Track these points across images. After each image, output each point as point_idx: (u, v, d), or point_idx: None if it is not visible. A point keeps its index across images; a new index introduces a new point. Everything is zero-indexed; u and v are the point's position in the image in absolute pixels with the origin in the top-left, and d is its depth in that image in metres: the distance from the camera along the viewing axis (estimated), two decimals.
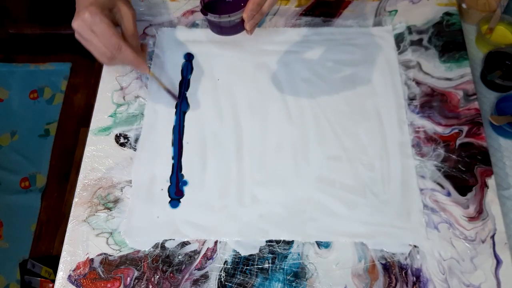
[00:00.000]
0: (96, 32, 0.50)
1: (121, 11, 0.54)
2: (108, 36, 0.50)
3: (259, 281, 0.50)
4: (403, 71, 0.62)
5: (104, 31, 0.50)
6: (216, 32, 0.64)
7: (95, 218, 0.54)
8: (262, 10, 0.55)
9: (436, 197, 0.54)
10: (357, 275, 0.50)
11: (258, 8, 0.54)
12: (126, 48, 0.51)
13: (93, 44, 0.51)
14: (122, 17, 0.54)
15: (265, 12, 0.55)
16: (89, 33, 0.50)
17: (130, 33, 0.54)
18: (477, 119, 0.58)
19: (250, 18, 0.55)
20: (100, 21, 0.50)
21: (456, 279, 0.49)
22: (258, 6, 0.54)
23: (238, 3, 0.59)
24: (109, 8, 0.52)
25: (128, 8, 0.54)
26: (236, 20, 0.59)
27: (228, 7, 0.61)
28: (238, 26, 0.60)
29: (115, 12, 0.54)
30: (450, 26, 0.66)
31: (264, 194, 0.54)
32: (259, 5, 0.54)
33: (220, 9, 0.61)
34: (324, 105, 0.60)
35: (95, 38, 0.50)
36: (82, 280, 0.50)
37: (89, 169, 0.57)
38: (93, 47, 0.51)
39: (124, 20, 0.54)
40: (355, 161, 0.56)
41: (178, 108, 0.61)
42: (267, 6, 0.54)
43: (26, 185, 1.25)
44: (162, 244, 0.52)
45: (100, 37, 0.50)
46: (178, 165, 0.56)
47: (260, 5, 0.54)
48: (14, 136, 1.32)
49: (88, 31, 0.50)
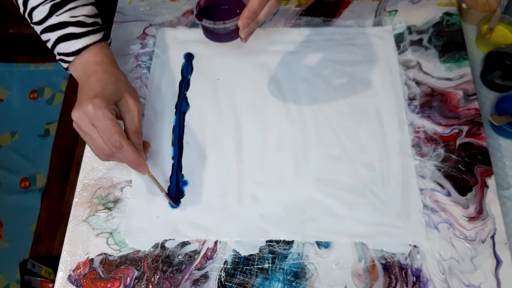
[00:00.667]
0: (98, 126, 0.47)
1: (128, 105, 0.50)
2: (111, 133, 0.47)
3: (259, 281, 0.50)
4: (403, 71, 0.62)
5: (106, 127, 0.47)
6: (210, 38, 0.63)
7: (95, 218, 0.54)
8: (258, 18, 0.53)
9: (436, 197, 0.54)
10: (357, 275, 0.50)
11: (254, 16, 0.53)
12: (128, 147, 0.48)
13: (92, 139, 0.48)
14: (128, 112, 0.50)
15: (260, 21, 0.54)
16: (90, 127, 0.47)
17: (133, 129, 0.50)
18: (477, 119, 0.58)
19: (245, 26, 0.53)
20: (103, 116, 0.46)
21: (456, 279, 0.49)
22: (253, 15, 0.52)
23: (234, 10, 0.59)
24: (115, 101, 0.49)
25: (135, 103, 0.51)
26: (231, 27, 0.58)
27: (223, 13, 0.61)
28: (232, 33, 0.60)
29: (120, 105, 0.50)
30: (450, 26, 0.66)
31: (264, 194, 0.55)
32: (255, 13, 0.52)
33: (216, 15, 0.61)
34: (324, 105, 0.60)
35: (96, 133, 0.47)
36: (82, 280, 0.50)
37: (89, 169, 0.57)
38: (92, 141, 0.48)
39: (129, 115, 0.50)
40: (355, 161, 0.56)
41: (178, 108, 0.61)
42: (263, 15, 0.53)
43: (26, 185, 1.25)
44: (162, 244, 0.52)
45: (101, 132, 0.47)
46: (178, 165, 0.57)
47: (256, 14, 0.53)
48: (14, 136, 1.32)
49: (89, 125, 0.47)
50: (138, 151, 0.49)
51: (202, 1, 0.59)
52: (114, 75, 0.51)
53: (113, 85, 0.50)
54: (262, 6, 0.52)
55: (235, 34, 0.58)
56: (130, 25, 0.67)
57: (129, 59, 0.65)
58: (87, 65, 0.52)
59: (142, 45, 0.66)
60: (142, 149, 0.52)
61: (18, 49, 1.41)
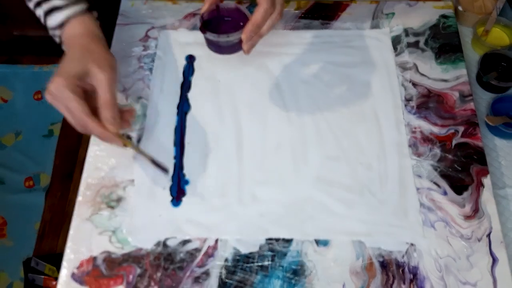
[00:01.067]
0: (62, 105, 0.47)
1: (96, 77, 0.48)
2: (72, 113, 0.47)
3: (259, 278, 0.50)
4: (400, 73, 0.63)
5: (68, 106, 0.46)
6: (213, 50, 0.63)
7: (98, 216, 0.54)
8: (261, 32, 0.53)
9: (433, 196, 0.54)
10: (355, 272, 0.50)
11: (257, 30, 0.53)
12: (92, 125, 0.47)
13: (64, 114, 0.48)
14: (96, 85, 0.48)
15: (263, 34, 0.54)
16: (57, 104, 0.47)
17: (102, 102, 0.48)
18: (473, 120, 0.59)
19: (248, 39, 0.53)
20: (64, 94, 0.46)
21: (453, 277, 0.50)
22: (257, 28, 0.52)
23: (237, 22, 0.59)
24: (79, 76, 0.48)
25: (103, 72, 0.48)
26: (234, 40, 0.58)
27: (227, 25, 0.60)
28: (236, 46, 0.59)
29: (89, 78, 0.48)
30: (447, 29, 0.66)
31: (264, 193, 0.55)
32: (258, 27, 0.52)
33: (219, 27, 0.61)
34: (322, 106, 0.61)
35: (63, 111, 0.47)
36: (85, 277, 0.50)
37: (93, 168, 0.57)
38: (65, 116, 0.48)
39: (98, 88, 0.48)
40: (353, 161, 0.57)
41: (179, 109, 0.61)
42: (266, 28, 0.53)
43: (30, 184, 1.25)
44: (164, 242, 0.52)
45: (65, 111, 0.47)
46: (180, 164, 0.57)
47: (259, 27, 0.52)
48: (18, 136, 1.32)
49: (55, 102, 0.47)
50: (108, 125, 0.48)
51: (205, 13, 0.58)
52: (82, 49, 0.50)
53: (77, 60, 0.48)
54: (265, 20, 0.52)
55: (238, 46, 0.58)
56: (133, 27, 0.68)
57: (131, 61, 0.65)
58: (67, 39, 0.52)
59: (144, 47, 0.66)
60: (118, 120, 0.49)
61: (22, 51, 1.42)
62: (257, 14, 0.52)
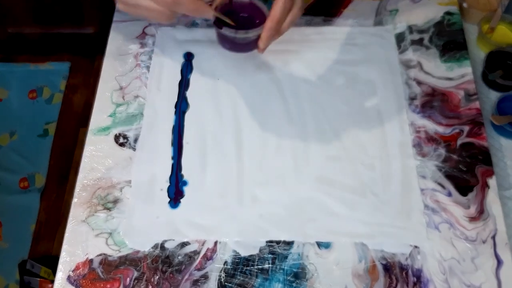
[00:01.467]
0: None
1: None
2: None
3: (259, 282, 0.50)
4: (404, 71, 0.62)
5: None
6: (227, 47, 0.58)
7: (95, 218, 0.53)
8: (282, 29, 0.50)
9: (437, 197, 0.54)
10: (358, 275, 0.50)
11: (278, 27, 0.49)
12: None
13: (144, 8, 0.46)
14: None
15: (284, 31, 0.51)
16: None
17: None
18: (478, 119, 0.58)
19: (269, 38, 0.50)
20: None
21: (457, 280, 0.49)
22: (277, 25, 0.49)
23: (252, 18, 0.55)
24: None
25: None
26: (252, 37, 0.53)
27: (240, 21, 0.55)
28: (251, 44, 0.55)
29: None
30: (451, 26, 0.66)
31: (264, 194, 0.54)
32: (278, 23, 0.49)
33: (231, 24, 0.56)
34: (324, 104, 0.60)
35: (145, 1, 0.45)
36: (82, 280, 0.50)
37: (89, 169, 0.56)
38: (146, 11, 0.46)
39: None
40: (356, 161, 0.56)
41: (177, 108, 0.61)
42: (287, 24, 0.50)
43: (25, 185, 1.25)
44: (162, 244, 0.52)
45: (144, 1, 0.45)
46: (178, 165, 0.56)
47: (280, 23, 0.49)
48: (13, 136, 1.32)
49: None
50: None
51: (218, 7, 0.54)
52: None
53: None
54: (284, 15, 0.49)
55: (253, 45, 0.53)
56: (130, 24, 0.67)
57: (128, 59, 0.64)
58: None
59: (141, 45, 0.66)
60: None
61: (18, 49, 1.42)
62: (276, 9, 0.48)
